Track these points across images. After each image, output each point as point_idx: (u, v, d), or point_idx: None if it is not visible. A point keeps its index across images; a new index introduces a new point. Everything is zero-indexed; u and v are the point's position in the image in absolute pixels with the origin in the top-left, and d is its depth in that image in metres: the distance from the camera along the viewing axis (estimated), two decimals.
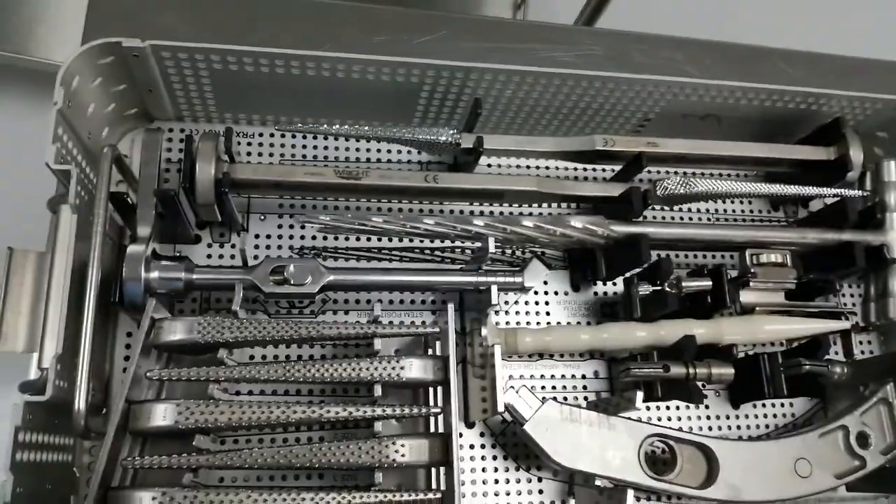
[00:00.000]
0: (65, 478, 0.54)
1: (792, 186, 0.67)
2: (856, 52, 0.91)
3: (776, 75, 0.86)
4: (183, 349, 0.54)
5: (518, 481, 0.62)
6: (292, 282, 0.56)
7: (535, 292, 0.68)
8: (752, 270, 0.63)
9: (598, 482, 0.57)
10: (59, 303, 0.50)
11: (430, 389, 0.58)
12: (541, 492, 0.62)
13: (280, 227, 0.66)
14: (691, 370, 0.59)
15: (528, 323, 0.68)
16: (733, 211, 0.76)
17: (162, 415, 0.50)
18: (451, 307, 0.56)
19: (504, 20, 1.34)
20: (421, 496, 0.52)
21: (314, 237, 0.66)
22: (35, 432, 0.48)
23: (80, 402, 0.49)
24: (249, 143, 0.68)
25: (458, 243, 0.67)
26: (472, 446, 0.63)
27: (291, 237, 0.66)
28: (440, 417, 0.56)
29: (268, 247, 0.65)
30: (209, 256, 0.64)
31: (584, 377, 0.67)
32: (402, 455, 0.52)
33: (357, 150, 0.70)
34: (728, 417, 0.68)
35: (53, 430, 0.51)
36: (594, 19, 1.25)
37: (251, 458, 0.50)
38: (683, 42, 0.86)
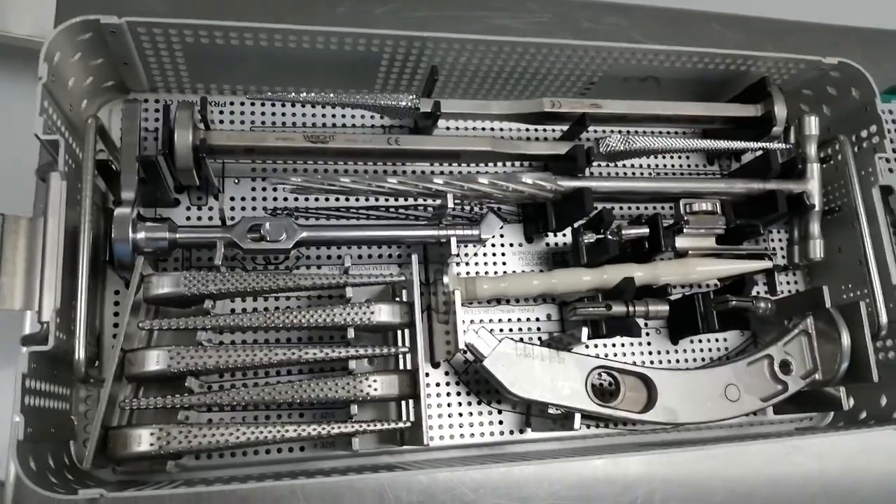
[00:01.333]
0: (64, 424, 0.59)
1: (722, 142, 0.73)
2: (787, 14, 0.98)
3: (712, 37, 0.93)
4: (170, 302, 0.59)
5: (480, 413, 0.69)
6: (268, 238, 0.61)
7: (492, 244, 0.74)
8: (686, 218, 0.70)
9: (550, 410, 0.64)
10: (55, 262, 0.55)
11: (399, 332, 0.64)
12: (501, 423, 0.69)
13: (254, 189, 0.71)
14: (631, 308, 0.66)
15: (486, 272, 0.74)
16: (672, 165, 0.82)
17: (155, 360, 0.55)
18: (414, 258, 0.62)
19: None
20: (393, 425, 0.58)
21: (286, 199, 0.71)
22: (38, 380, 0.53)
23: (81, 352, 0.54)
24: (222, 112, 0.73)
25: (420, 201, 0.72)
26: (437, 384, 0.69)
27: (265, 199, 0.71)
28: (408, 357, 0.62)
29: (243, 208, 0.70)
30: (188, 219, 0.69)
31: (537, 319, 0.73)
32: (375, 389, 0.58)
33: (324, 115, 0.75)
34: (668, 352, 0.75)
35: (53, 380, 0.56)
36: None
37: (238, 396, 0.56)
38: (626, 8, 0.92)
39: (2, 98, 1.39)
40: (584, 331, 0.64)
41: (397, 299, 0.65)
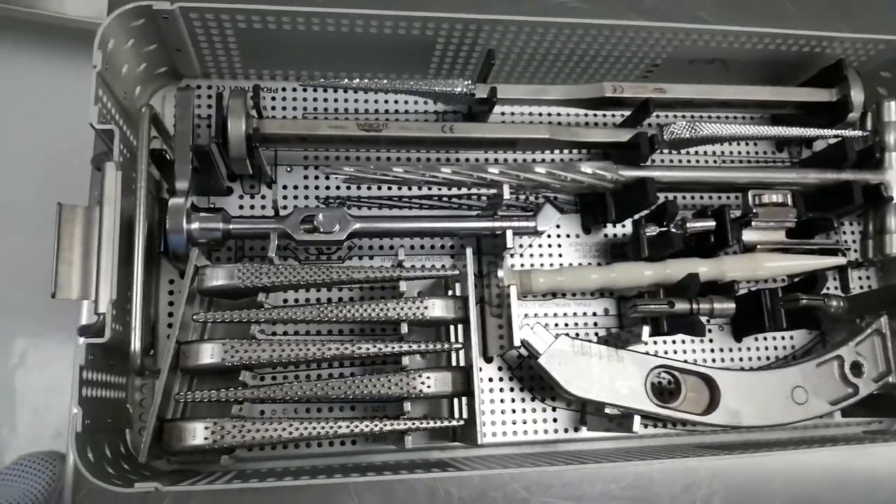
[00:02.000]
0: (119, 413, 0.60)
1: (793, 128, 0.69)
2: None
3: (783, 16, 0.88)
4: (223, 294, 0.59)
5: (534, 410, 0.68)
6: (321, 230, 0.60)
7: (548, 235, 0.72)
8: (755, 210, 0.66)
9: (607, 410, 0.62)
10: (111, 253, 0.55)
11: (452, 327, 0.63)
12: (555, 420, 0.68)
13: (306, 178, 0.70)
14: (694, 305, 0.63)
15: (541, 265, 0.72)
16: (739, 153, 0.79)
17: (210, 353, 0.55)
18: (469, 251, 0.60)
19: None
20: (446, 423, 0.57)
21: (338, 187, 0.70)
22: (95, 371, 0.53)
23: (136, 343, 0.54)
24: (274, 98, 0.72)
25: (474, 190, 0.71)
26: (490, 379, 0.68)
27: (317, 188, 0.70)
28: (461, 353, 0.61)
29: (295, 197, 0.69)
30: (241, 207, 0.68)
31: (594, 314, 0.71)
32: (428, 386, 0.57)
33: (377, 101, 0.73)
34: (731, 350, 0.72)
35: (109, 370, 0.56)
36: None
37: (291, 390, 0.55)
38: None
39: (59, 79, 1.42)
40: (646, 329, 0.61)
41: (450, 293, 0.63)
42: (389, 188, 0.70)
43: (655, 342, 0.71)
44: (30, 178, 1.27)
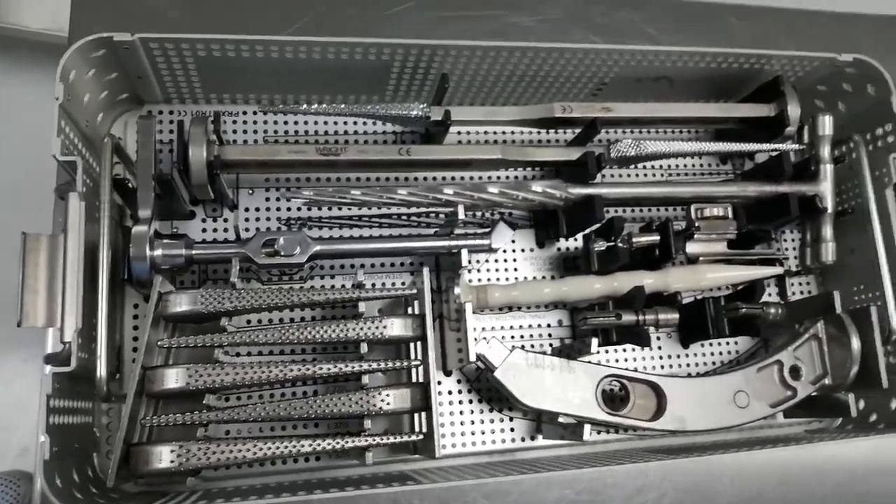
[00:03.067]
0: (87, 437, 0.61)
1: (734, 144, 0.73)
2: (805, 4, 0.96)
3: (727, 31, 0.91)
4: (187, 319, 0.60)
5: (492, 421, 0.71)
6: (282, 253, 0.62)
7: (504, 250, 0.75)
8: (697, 224, 0.70)
9: (560, 419, 0.65)
10: (76, 282, 0.56)
11: (411, 344, 0.65)
12: (512, 430, 0.71)
13: (268, 199, 0.72)
14: (640, 317, 0.67)
15: (497, 278, 0.75)
16: (685, 166, 0.82)
17: (174, 378, 0.57)
18: (426, 270, 0.63)
19: None
20: (405, 438, 0.60)
21: (299, 209, 0.72)
22: (62, 398, 0.55)
23: (102, 370, 0.56)
24: (235, 122, 0.73)
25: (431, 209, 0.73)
26: (450, 392, 0.70)
27: (279, 209, 0.72)
28: (420, 369, 0.63)
29: (257, 219, 0.71)
30: (204, 231, 0.70)
31: (549, 326, 0.74)
32: (388, 403, 0.59)
33: (336, 123, 0.75)
34: (679, 356, 0.76)
35: (76, 395, 0.58)
36: None
37: (255, 412, 0.58)
38: (641, 2, 0.90)
39: (20, 90, 1.42)
40: (594, 341, 0.65)
41: (409, 310, 0.65)
42: (349, 208, 0.73)
43: (608, 351, 0.74)
44: None
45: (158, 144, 0.70)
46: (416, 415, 0.63)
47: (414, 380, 0.64)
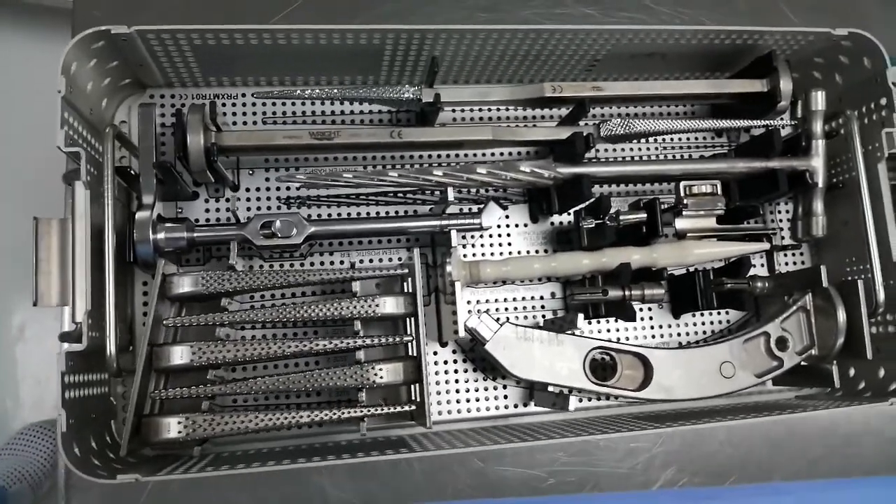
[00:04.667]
0: (104, 406, 0.65)
1: (725, 121, 0.74)
2: None
3: (729, 2, 0.91)
4: (191, 299, 0.64)
5: (486, 389, 0.74)
6: (280, 235, 0.65)
7: (499, 225, 0.77)
8: (685, 201, 0.71)
9: (549, 388, 0.68)
10: (84, 266, 0.59)
11: (406, 320, 0.68)
12: (506, 397, 0.74)
13: (267, 179, 0.74)
14: (627, 292, 0.69)
15: (492, 253, 0.77)
16: (679, 139, 0.83)
17: (179, 355, 0.61)
18: (416, 252, 0.65)
19: None
20: (398, 408, 0.63)
21: (298, 188, 0.74)
22: (76, 374, 0.59)
23: (112, 348, 0.59)
24: (234, 104, 0.76)
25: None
26: (445, 362, 0.74)
27: (278, 189, 0.74)
28: (412, 343, 0.67)
29: (258, 199, 0.74)
30: (207, 211, 0.73)
31: (541, 298, 0.77)
32: (381, 377, 0.62)
33: (332, 103, 0.77)
34: (671, 326, 0.78)
35: (90, 369, 0.62)
36: None
37: (256, 385, 0.61)
38: None
39: (29, 57, 1.46)
40: (580, 316, 0.67)
41: (404, 287, 0.68)
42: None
43: (599, 321, 0.76)
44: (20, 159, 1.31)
45: (161, 128, 0.73)
46: (412, 387, 0.67)
47: (408, 354, 0.67)
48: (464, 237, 0.69)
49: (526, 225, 0.78)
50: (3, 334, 1.41)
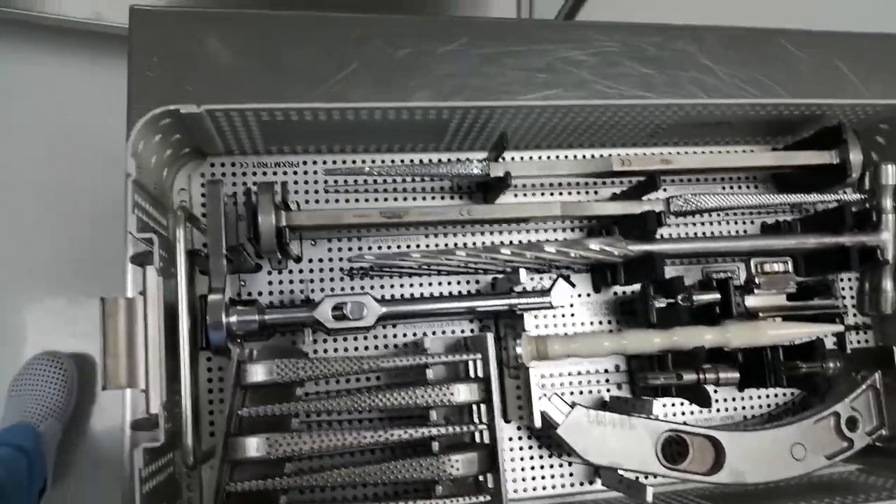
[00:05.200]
0: (171, 487, 0.64)
1: (795, 196, 0.73)
2: (860, 26, 0.94)
3: (784, 58, 0.89)
4: (263, 387, 0.63)
5: (552, 466, 0.73)
6: (351, 317, 0.64)
7: None
8: (757, 280, 0.70)
9: (620, 472, 0.67)
10: (157, 353, 0.58)
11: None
12: (571, 475, 0.73)
13: (330, 249, 0.73)
14: (701, 376, 0.68)
15: (555, 324, 0.76)
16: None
17: (255, 447, 0.59)
18: (489, 336, 0.64)
19: (514, 20, 1.36)
20: (473, 499, 0.62)
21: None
22: (149, 465, 0.58)
23: (189, 441, 0.58)
24: (295, 172, 0.75)
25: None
26: (510, 439, 0.73)
27: (341, 259, 0.73)
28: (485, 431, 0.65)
29: (321, 269, 0.73)
30: (270, 283, 0.72)
31: (606, 371, 0.76)
32: (457, 469, 0.61)
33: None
34: (734, 400, 0.77)
35: (160, 454, 0.61)
36: (575, 12, 1.28)
37: (331, 478, 0.60)
38: (693, 30, 0.89)
39: (67, 78, 1.49)
40: (656, 403, 0.66)
41: (474, 376, 0.67)
42: None
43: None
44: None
45: (224, 198, 0.72)
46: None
47: (478, 441, 0.66)
48: (528, 331, 0.68)
49: (589, 295, 0.77)
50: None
